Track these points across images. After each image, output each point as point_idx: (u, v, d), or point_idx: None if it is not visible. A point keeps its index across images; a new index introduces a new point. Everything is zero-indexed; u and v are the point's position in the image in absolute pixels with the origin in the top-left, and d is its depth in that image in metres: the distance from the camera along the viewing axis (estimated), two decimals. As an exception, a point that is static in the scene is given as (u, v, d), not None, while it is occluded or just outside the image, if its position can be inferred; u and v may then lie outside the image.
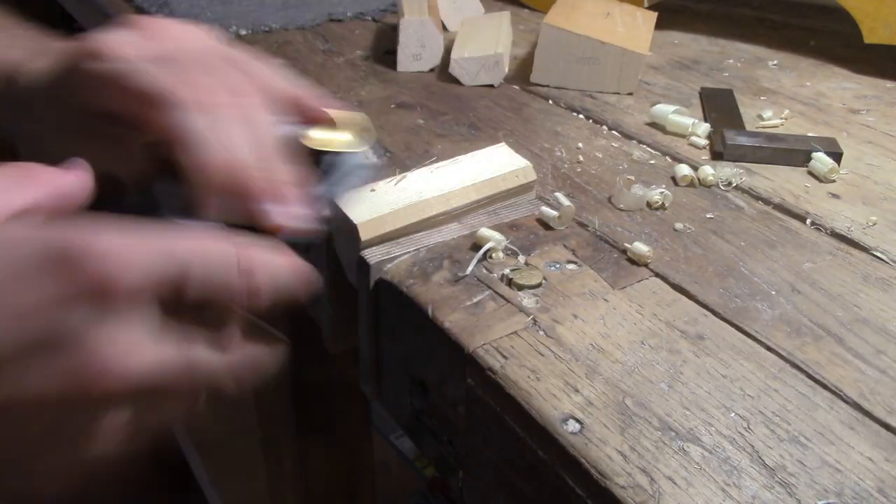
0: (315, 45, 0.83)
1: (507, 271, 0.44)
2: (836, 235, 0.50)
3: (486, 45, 0.74)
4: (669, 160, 0.59)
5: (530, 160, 0.51)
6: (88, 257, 0.26)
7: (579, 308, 0.41)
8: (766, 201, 0.53)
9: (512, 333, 0.39)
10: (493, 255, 0.45)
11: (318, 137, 0.40)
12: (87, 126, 0.38)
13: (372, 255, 0.45)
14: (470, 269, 0.44)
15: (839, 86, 0.75)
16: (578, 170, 0.57)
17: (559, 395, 0.35)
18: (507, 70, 0.74)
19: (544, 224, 0.49)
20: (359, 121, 0.42)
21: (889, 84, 0.76)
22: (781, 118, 0.67)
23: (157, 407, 0.30)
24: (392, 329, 0.46)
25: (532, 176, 0.51)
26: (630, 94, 0.72)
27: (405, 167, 0.53)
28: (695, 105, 0.70)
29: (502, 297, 0.42)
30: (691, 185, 0.55)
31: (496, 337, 0.39)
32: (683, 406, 0.35)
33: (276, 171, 0.34)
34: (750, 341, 0.40)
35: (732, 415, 0.35)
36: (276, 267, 0.32)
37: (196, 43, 0.37)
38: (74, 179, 0.31)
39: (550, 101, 0.70)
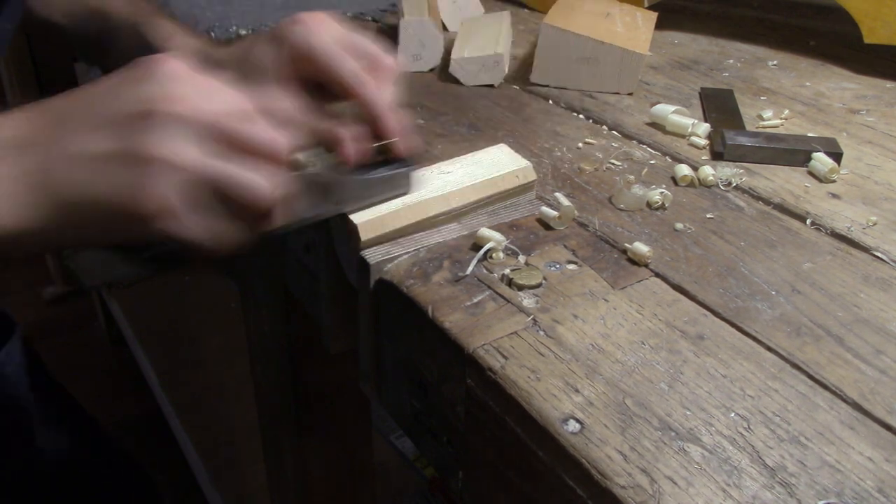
0: (315, 45, 0.83)
1: (507, 271, 0.44)
2: (836, 235, 0.50)
3: (486, 45, 0.74)
4: (669, 160, 0.59)
5: (530, 160, 0.51)
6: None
7: (579, 308, 0.41)
8: (766, 201, 0.53)
9: (512, 333, 0.39)
10: (494, 255, 0.45)
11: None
12: None
13: (372, 255, 0.45)
14: (470, 269, 0.44)
15: (839, 86, 0.75)
16: (578, 169, 0.57)
17: (559, 396, 0.35)
18: (506, 70, 0.74)
19: (544, 224, 0.49)
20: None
21: (889, 84, 0.76)
22: (781, 118, 0.67)
23: (217, 206, 0.38)
24: (392, 329, 0.46)
25: (532, 176, 0.51)
26: (630, 94, 0.72)
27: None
28: (695, 105, 0.70)
29: (502, 297, 0.42)
30: (691, 185, 0.55)
31: (496, 337, 0.39)
32: (683, 406, 0.35)
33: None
34: (750, 341, 0.40)
35: (732, 415, 0.35)
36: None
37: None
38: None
39: (550, 101, 0.70)
